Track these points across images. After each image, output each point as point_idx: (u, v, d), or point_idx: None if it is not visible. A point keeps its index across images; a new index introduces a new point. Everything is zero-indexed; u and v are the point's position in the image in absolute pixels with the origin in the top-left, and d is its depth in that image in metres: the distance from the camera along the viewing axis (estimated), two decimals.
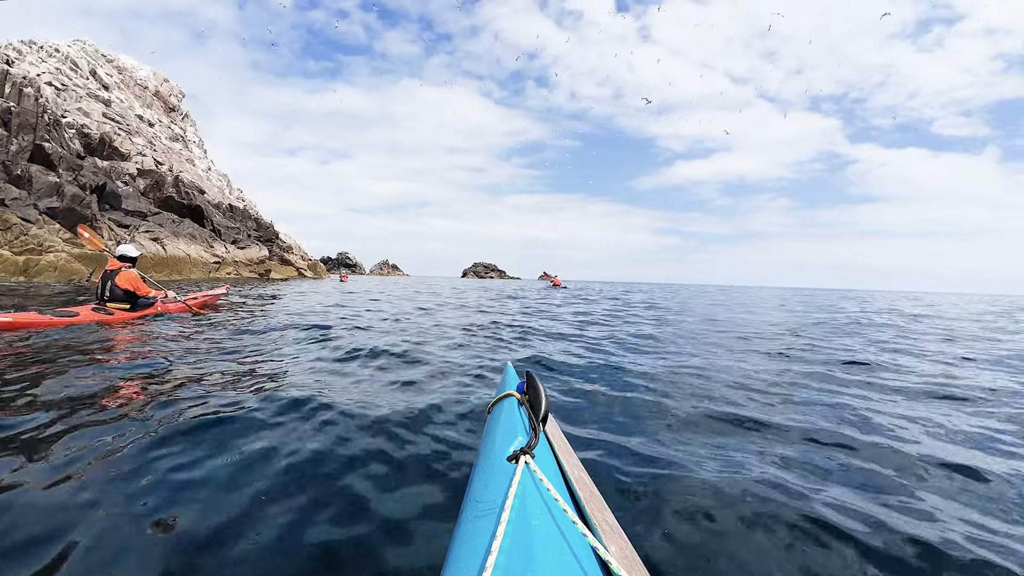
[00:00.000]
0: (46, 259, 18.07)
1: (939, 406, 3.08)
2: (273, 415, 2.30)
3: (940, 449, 2.26)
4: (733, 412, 2.69)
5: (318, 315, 7.50)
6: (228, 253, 29.26)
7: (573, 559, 0.72)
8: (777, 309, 13.54)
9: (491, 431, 1.29)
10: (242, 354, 3.92)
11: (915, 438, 2.40)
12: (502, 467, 0.99)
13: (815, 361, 4.55)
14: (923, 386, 3.60)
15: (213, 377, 3.06)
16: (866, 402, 3.07)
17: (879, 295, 39.22)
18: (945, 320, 11.35)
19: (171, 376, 3.07)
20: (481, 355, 4.33)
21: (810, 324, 8.77)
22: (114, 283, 5.70)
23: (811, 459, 2.08)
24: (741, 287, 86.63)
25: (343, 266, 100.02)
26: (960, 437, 2.46)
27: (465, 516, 0.92)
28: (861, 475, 1.94)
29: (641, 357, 4.50)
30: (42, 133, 21.34)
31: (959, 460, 2.11)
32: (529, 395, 1.31)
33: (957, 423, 2.69)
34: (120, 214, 23.86)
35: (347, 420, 2.27)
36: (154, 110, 38.94)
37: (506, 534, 0.75)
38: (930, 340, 6.81)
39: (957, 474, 1.99)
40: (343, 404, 2.50)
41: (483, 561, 0.68)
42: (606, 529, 0.89)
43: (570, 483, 1.04)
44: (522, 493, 0.86)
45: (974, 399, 3.26)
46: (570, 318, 8.54)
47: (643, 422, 2.54)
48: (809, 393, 3.25)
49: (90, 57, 35.18)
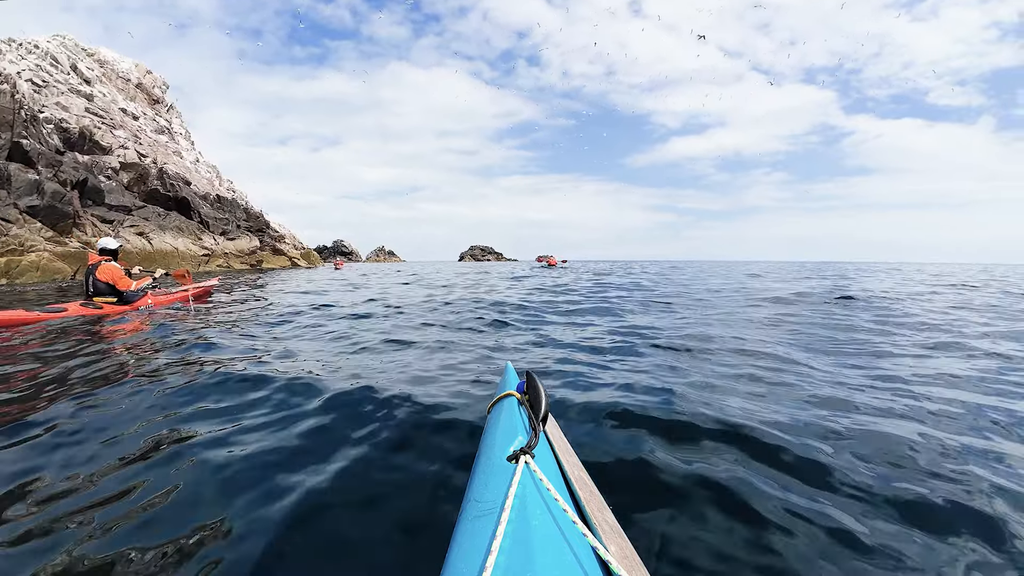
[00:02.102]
0: (27, 259, 18.13)
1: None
2: (267, 412, 2.31)
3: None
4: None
5: (316, 295, 7.91)
6: (217, 245, 29.26)
7: (573, 559, 0.73)
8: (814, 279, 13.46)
9: (491, 431, 1.29)
10: (224, 346, 3.90)
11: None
12: (502, 467, 1.00)
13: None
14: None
15: (191, 368, 3.10)
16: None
17: (884, 266, 39.16)
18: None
19: (160, 365, 3.19)
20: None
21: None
22: (95, 277, 5.75)
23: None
24: (738, 262, 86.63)
25: (338, 254, 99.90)
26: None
27: (465, 516, 0.92)
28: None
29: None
30: (19, 130, 21.18)
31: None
32: (529, 395, 1.31)
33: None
34: (103, 209, 23.81)
35: (345, 414, 2.26)
36: (138, 103, 38.51)
37: (506, 534, 0.75)
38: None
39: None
40: (341, 396, 2.49)
41: (483, 561, 0.69)
42: (606, 529, 0.90)
43: (570, 483, 1.04)
44: (522, 493, 0.86)
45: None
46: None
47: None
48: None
49: (70, 52, 34.67)
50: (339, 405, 2.36)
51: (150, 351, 3.72)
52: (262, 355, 3.57)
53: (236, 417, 2.25)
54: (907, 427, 2.18)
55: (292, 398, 2.49)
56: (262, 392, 2.57)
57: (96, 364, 3.20)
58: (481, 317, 5.76)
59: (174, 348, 3.81)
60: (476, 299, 8.21)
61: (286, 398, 2.49)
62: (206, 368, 3.09)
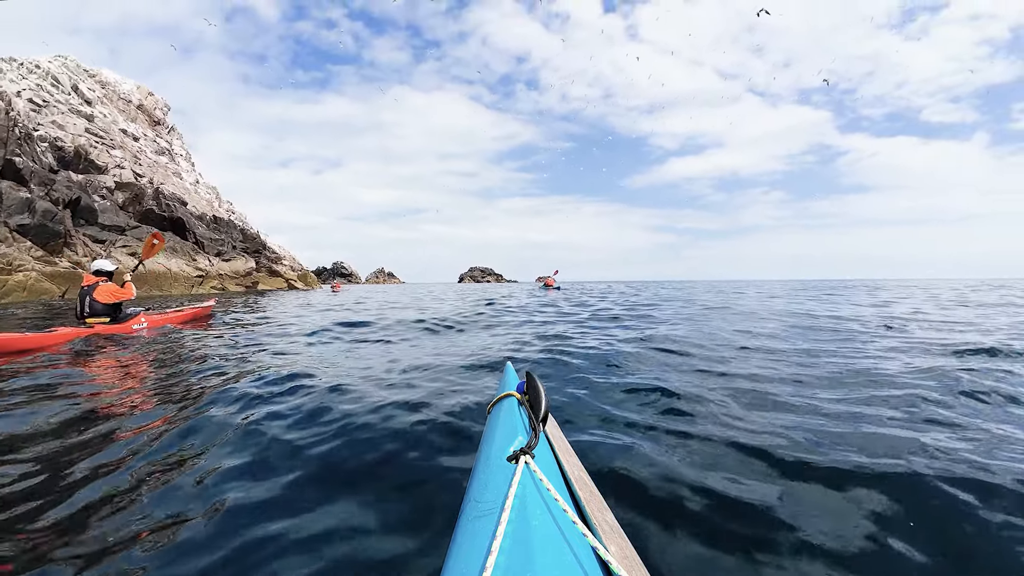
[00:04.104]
0: (15, 279, 17.53)
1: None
2: (263, 418, 2.31)
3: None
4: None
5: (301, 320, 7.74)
6: (212, 266, 28.72)
7: (573, 559, 0.72)
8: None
9: (491, 431, 1.29)
10: (208, 369, 3.73)
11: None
12: (502, 467, 0.99)
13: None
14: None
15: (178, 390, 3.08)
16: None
17: (890, 283, 38.02)
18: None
19: (153, 385, 3.23)
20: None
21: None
22: (92, 298, 5.59)
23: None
24: (739, 281, 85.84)
25: (337, 275, 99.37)
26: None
27: (465, 516, 0.92)
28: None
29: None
30: (13, 148, 20.85)
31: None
32: (529, 395, 1.30)
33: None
34: (96, 229, 23.34)
35: (346, 418, 2.27)
36: (139, 124, 38.55)
37: (506, 534, 0.74)
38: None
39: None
40: (341, 404, 2.51)
41: (483, 561, 0.69)
42: (606, 529, 0.89)
43: (570, 483, 1.04)
44: (522, 493, 0.86)
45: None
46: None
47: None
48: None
49: (72, 72, 34.81)
50: (339, 406, 2.40)
51: (142, 376, 3.63)
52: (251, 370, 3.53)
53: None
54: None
55: (288, 410, 2.49)
56: (263, 393, 2.67)
57: (81, 398, 2.95)
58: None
59: (157, 369, 3.77)
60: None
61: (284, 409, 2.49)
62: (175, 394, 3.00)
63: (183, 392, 2.99)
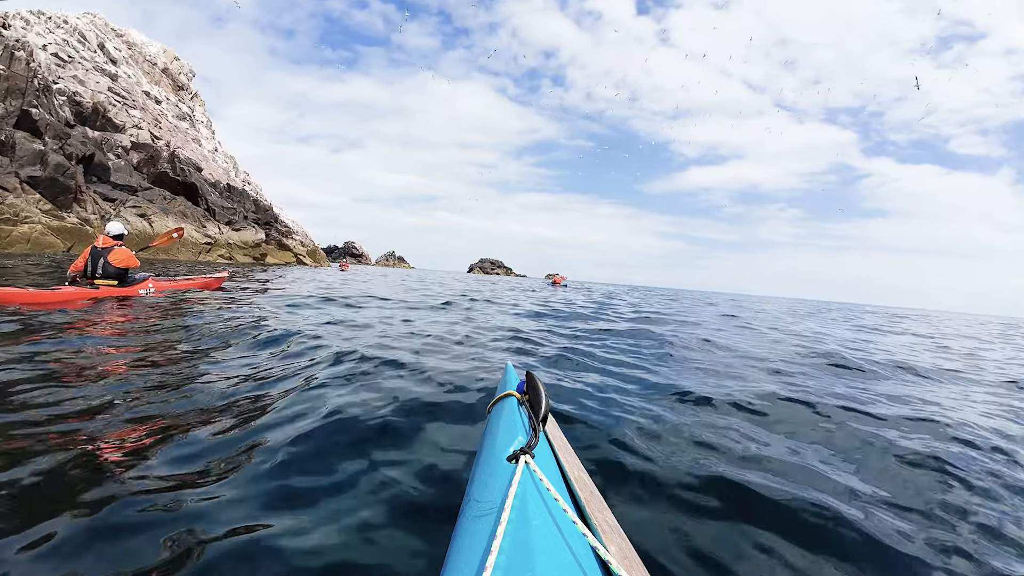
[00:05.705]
0: (19, 230, 17.40)
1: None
2: (260, 412, 2.18)
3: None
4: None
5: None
6: (222, 234, 28.57)
7: (573, 559, 0.72)
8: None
9: (491, 431, 1.29)
10: (198, 347, 3.58)
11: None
12: (502, 467, 0.99)
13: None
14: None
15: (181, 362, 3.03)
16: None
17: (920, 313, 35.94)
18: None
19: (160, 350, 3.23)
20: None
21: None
22: (107, 260, 5.80)
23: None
24: (753, 296, 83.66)
25: (348, 255, 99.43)
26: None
27: (465, 516, 0.92)
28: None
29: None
30: (30, 99, 20.72)
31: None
32: (529, 395, 1.29)
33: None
34: (107, 187, 23.22)
35: (348, 414, 2.15)
36: (162, 87, 38.50)
37: (506, 534, 0.74)
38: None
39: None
40: (340, 398, 2.40)
41: (483, 561, 0.68)
42: (606, 529, 0.89)
43: (570, 483, 1.04)
44: (522, 493, 0.85)
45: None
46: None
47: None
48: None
49: (99, 30, 34.75)
50: (338, 409, 2.26)
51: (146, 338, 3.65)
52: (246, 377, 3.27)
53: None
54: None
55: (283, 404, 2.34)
56: (261, 392, 2.58)
57: (99, 354, 3.00)
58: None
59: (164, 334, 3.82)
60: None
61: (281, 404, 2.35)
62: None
63: (178, 356, 3.12)
